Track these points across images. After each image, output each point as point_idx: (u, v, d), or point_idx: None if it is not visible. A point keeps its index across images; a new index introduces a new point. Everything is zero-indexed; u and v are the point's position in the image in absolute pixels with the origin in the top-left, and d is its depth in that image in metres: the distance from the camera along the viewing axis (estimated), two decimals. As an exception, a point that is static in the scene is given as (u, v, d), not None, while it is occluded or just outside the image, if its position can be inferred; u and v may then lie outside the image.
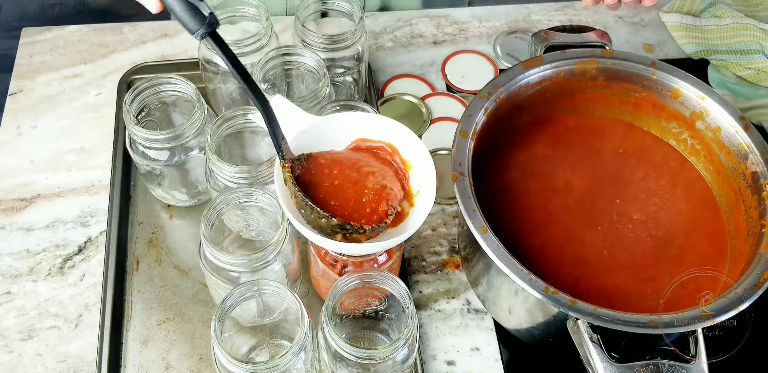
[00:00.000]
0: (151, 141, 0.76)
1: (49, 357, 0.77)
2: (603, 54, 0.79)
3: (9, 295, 0.81)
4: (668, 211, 0.78)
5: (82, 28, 1.03)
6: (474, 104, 0.75)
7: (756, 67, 0.99)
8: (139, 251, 0.84)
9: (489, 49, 1.04)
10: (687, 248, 0.75)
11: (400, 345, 0.63)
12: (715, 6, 1.03)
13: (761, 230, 0.70)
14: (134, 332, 0.79)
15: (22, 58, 0.99)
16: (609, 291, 0.72)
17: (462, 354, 0.79)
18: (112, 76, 0.98)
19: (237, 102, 0.91)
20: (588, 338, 0.62)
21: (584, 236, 0.76)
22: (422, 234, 0.87)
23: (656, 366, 0.62)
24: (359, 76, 0.92)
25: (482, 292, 0.79)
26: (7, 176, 0.89)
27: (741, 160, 0.74)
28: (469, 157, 0.71)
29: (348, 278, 0.66)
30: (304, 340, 0.62)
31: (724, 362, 0.63)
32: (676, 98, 0.79)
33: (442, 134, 0.95)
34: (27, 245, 0.84)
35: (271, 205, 0.69)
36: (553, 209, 0.77)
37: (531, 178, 0.79)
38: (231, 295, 0.64)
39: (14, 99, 0.96)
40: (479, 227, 0.66)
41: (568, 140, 0.83)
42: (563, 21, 1.08)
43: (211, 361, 0.76)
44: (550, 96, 0.81)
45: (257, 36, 0.82)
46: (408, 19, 1.07)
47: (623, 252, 0.75)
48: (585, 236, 0.76)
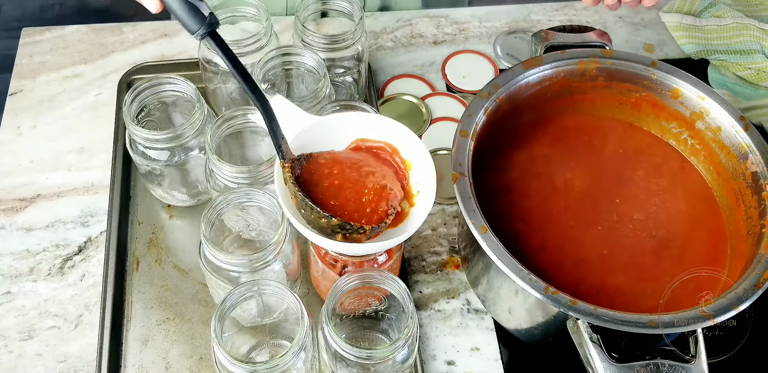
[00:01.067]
0: (151, 141, 0.76)
1: (49, 357, 0.77)
2: (603, 54, 0.79)
3: (9, 295, 0.81)
4: (668, 211, 0.78)
5: (82, 28, 1.03)
6: (474, 104, 0.75)
7: (756, 67, 0.99)
8: (139, 251, 0.84)
9: (489, 49, 1.04)
10: (687, 248, 0.75)
11: (400, 345, 0.63)
12: (715, 6, 1.03)
13: (761, 230, 0.70)
14: (134, 332, 0.79)
15: (22, 58, 0.99)
16: (609, 291, 0.72)
17: (462, 354, 0.79)
18: (112, 76, 0.98)
19: (237, 102, 0.91)
20: (588, 338, 0.62)
21: (584, 236, 0.76)
22: (422, 234, 0.87)
23: (656, 366, 0.62)
24: (359, 76, 0.92)
25: (482, 292, 0.79)
26: (7, 176, 0.89)
27: (741, 160, 0.74)
28: (469, 157, 0.71)
29: (348, 278, 0.66)
30: (304, 340, 0.62)
31: (724, 362, 0.63)
32: (676, 98, 0.79)
33: (442, 134, 0.95)
34: (27, 245, 0.84)
35: (271, 205, 0.69)
36: (553, 209, 0.77)
37: (531, 178, 0.79)
38: (231, 295, 0.64)
39: (14, 99, 0.96)
40: (479, 227, 0.66)
41: (568, 140, 0.83)
42: (563, 21, 1.08)
43: (211, 361, 0.76)
44: (550, 96, 0.81)
45: (257, 36, 0.82)
46: (408, 19, 1.07)
47: (623, 252, 0.75)
48: (585, 236, 0.76)
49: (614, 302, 0.71)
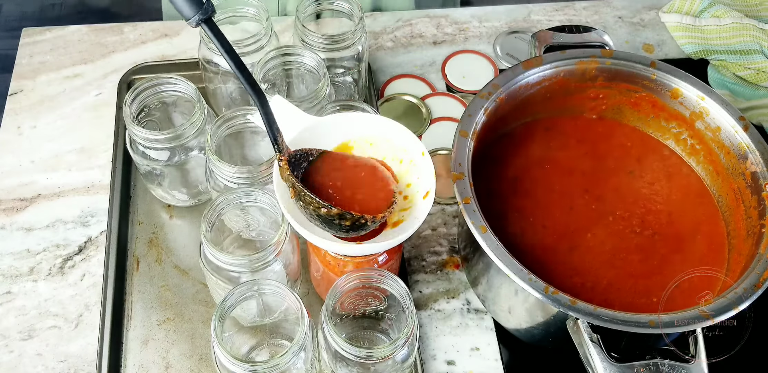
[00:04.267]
0: (151, 141, 0.76)
1: (49, 357, 0.77)
2: (603, 54, 0.79)
3: (9, 295, 0.81)
4: (668, 211, 0.78)
5: (82, 28, 1.03)
6: (474, 104, 0.75)
7: (756, 67, 0.99)
8: (139, 251, 0.85)
9: (489, 49, 1.04)
10: (686, 248, 0.76)
11: (400, 345, 0.63)
12: (715, 6, 1.03)
13: (761, 230, 0.70)
14: (134, 332, 0.79)
15: (22, 58, 1.00)
16: (609, 291, 0.73)
17: (462, 354, 0.79)
18: (112, 76, 0.98)
19: (237, 102, 0.91)
20: (588, 337, 0.62)
21: (584, 235, 0.76)
22: (422, 234, 0.87)
23: (656, 366, 0.62)
24: (359, 76, 0.92)
25: (482, 292, 0.79)
26: (7, 176, 0.89)
27: (741, 160, 0.74)
28: (469, 157, 0.71)
29: (348, 278, 0.66)
30: (304, 339, 0.62)
31: (724, 362, 0.63)
32: (676, 98, 0.79)
33: (442, 134, 0.95)
34: (27, 245, 0.84)
35: (271, 205, 0.69)
36: (553, 209, 0.77)
37: (531, 178, 0.79)
38: (231, 295, 0.64)
39: (14, 99, 0.96)
40: (479, 227, 0.66)
41: (568, 140, 0.83)
42: (563, 21, 1.08)
43: (211, 361, 0.76)
44: (550, 96, 0.81)
45: (257, 36, 0.82)
46: (408, 19, 1.07)
47: (623, 251, 0.75)
48: (585, 235, 0.76)
49: (614, 302, 0.71)
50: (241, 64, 0.63)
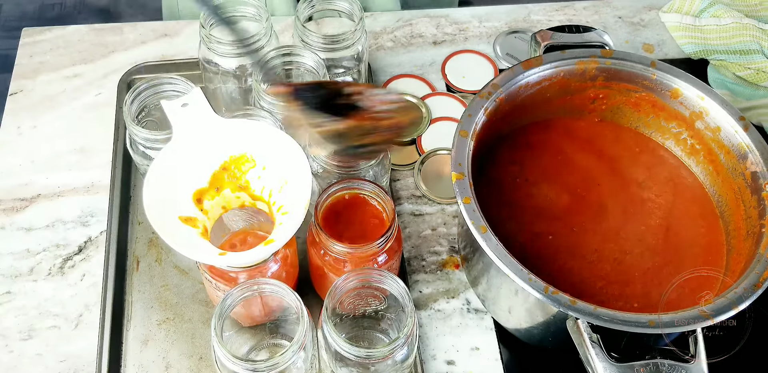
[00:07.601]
0: (151, 141, 0.76)
1: (49, 357, 0.77)
2: (603, 54, 0.79)
3: (9, 295, 0.81)
4: (668, 210, 0.78)
5: (82, 28, 1.03)
6: (474, 104, 0.75)
7: (756, 67, 0.99)
8: (139, 251, 0.85)
9: (489, 49, 1.04)
10: (686, 248, 0.76)
11: (399, 344, 0.63)
12: (715, 6, 1.03)
13: (761, 230, 0.70)
14: (134, 332, 0.79)
15: (22, 58, 0.99)
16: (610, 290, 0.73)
17: (462, 354, 0.79)
18: (112, 76, 0.98)
19: (237, 102, 0.91)
20: (588, 337, 0.62)
21: (584, 235, 0.76)
22: (422, 234, 0.87)
23: (656, 366, 0.62)
24: (359, 76, 0.92)
25: (482, 292, 0.79)
26: (7, 176, 0.89)
27: (740, 160, 0.74)
28: (469, 157, 0.71)
29: (348, 278, 0.66)
30: (304, 338, 0.62)
31: (724, 362, 0.63)
32: (676, 98, 0.79)
33: (442, 134, 0.95)
34: (27, 244, 0.84)
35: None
36: (553, 209, 0.77)
37: (531, 178, 0.79)
38: (231, 294, 0.64)
39: (14, 99, 0.96)
40: (479, 227, 0.66)
41: (568, 140, 0.83)
42: (563, 21, 1.08)
43: (211, 361, 0.76)
44: (550, 96, 0.81)
45: (257, 36, 0.82)
46: (408, 19, 1.07)
47: (623, 251, 0.75)
48: (585, 235, 0.76)
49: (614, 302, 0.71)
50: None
